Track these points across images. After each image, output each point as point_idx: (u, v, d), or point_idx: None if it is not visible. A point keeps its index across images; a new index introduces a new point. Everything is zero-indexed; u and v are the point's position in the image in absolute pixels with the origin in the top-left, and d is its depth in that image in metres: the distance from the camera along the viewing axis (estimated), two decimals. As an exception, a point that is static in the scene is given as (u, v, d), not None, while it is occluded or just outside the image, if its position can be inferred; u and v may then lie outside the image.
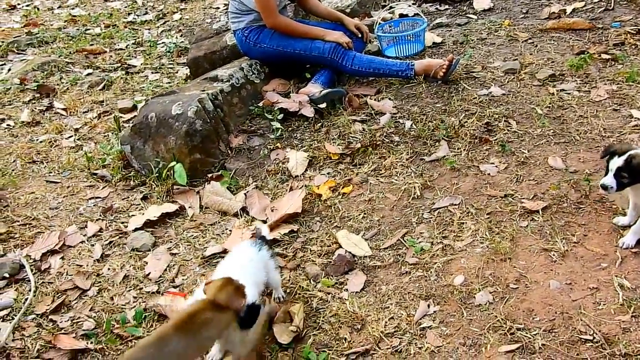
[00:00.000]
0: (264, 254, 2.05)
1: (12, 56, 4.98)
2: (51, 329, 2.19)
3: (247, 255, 2.02)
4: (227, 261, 2.04)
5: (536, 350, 1.78)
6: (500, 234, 2.23)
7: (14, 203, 2.99)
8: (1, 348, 2.11)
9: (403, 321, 1.98)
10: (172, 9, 5.65)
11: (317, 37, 3.31)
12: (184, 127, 2.95)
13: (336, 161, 2.91)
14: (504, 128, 2.84)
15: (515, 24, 3.90)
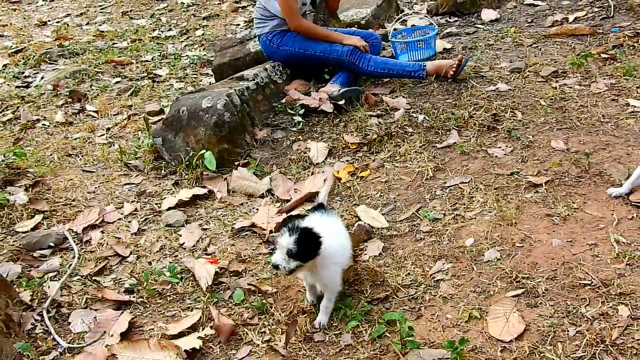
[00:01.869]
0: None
1: (44, 66, 5.36)
2: (96, 287, 2.44)
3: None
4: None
5: (540, 294, 2.00)
6: (507, 204, 2.47)
7: (54, 187, 3.28)
8: (52, 301, 2.36)
9: (418, 275, 2.21)
10: (195, 26, 6.05)
11: (336, 41, 3.63)
12: (213, 118, 3.25)
13: (354, 150, 3.19)
14: (510, 118, 3.11)
15: (520, 31, 4.22)
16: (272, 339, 2.03)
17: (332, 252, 1.97)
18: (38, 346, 2.14)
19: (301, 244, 1.86)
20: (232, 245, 2.64)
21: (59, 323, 2.28)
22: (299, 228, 1.88)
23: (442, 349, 1.81)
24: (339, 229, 2.15)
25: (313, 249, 1.90)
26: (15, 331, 2.17)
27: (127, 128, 4.12)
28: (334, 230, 2.08)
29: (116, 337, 2.08)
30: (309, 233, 1.89)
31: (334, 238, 2.01)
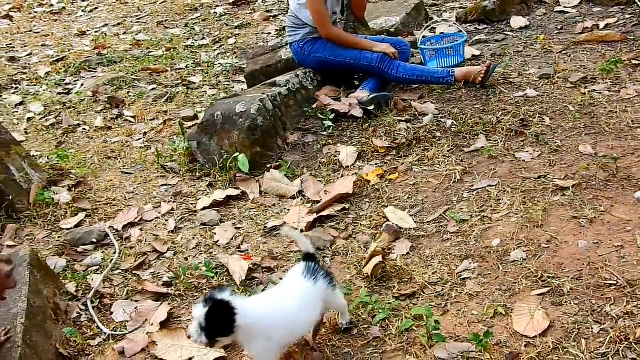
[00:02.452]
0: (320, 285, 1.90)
1: (84, 73, 5.62)
2: (136, 280, 2.59)
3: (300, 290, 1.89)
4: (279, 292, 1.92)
5: (565, 293, 2.05)
6: (534, 207, 2.53)
7: (95, 188, 3.46)
8: (95, 292, 2.51)
9: (445, 274, 2.29)
10: (227, 35, 6.24)
11: (366, 48, 3.74)
12: (247, 122, 3.39)
13: (383, 154, 3.28)
14: (538, 123, 3.16)
15: (550, 38, 4.26)
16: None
17: (263, 327, 1.76)
18: (83, 333, 2.29)
19: (211, 319, 1.67)
20: (265, 243, 2.76)
21: (102, 313, 2.42)
22: (213, 300, 1.69)
23: (468, 343, 1.89)
24: (291, 300, 1.86)
25: (225, 326, 1.69)
26: (63, 319, 2.33)
27: (162, 132, 4.30)
28: (279, 301, 1.86)
29: (156, 325, 2.22)
30: (221, 308, 1.68)
31: (272, 311, 1.81)
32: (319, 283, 1.89)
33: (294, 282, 1.91)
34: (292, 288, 1.89)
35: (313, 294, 1.88)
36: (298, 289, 1.88)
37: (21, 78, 5.72)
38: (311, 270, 1.90)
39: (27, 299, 2.11)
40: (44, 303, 2.24)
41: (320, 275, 1.90)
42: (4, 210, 3.13)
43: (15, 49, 6.53)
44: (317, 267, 1.92)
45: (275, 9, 6.70)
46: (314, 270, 1.90)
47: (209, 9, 7.02)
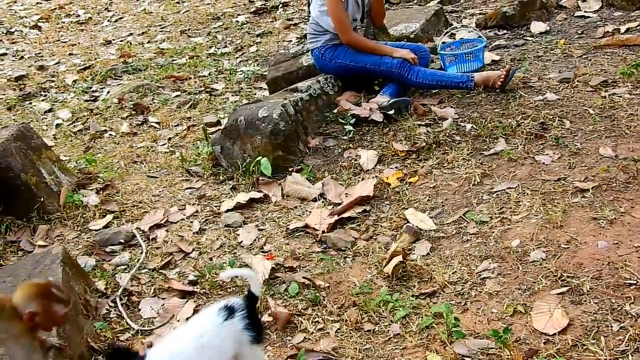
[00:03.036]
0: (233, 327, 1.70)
1: (110, 81, 5.79)
2: (163, 279, 2.68)
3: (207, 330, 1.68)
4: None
5: (584, 292, 2.08)
6: (553, 208, 2.56)
7: (122, 190, 3.58)
8: (124, 290, 2.61)
9: (465, 273, 2.34)
10: (249, 43, 6.37)
11: (386, 54, 3.81)
12: (269, 127, 3.48)
13: (403, 157, 3.33)
14: (557, 126, 3.19)
15: (570, 42, 4.28)
16: (325, 328, 2.19)
17: None
18: (113, 328, 2.38)
19: None
20: (287, 244, 2.83)
21: (130, 309, 2.51)
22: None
23: (487, 339, 1.93)
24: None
25: None
26: (93, 314, 2.42)
27: (186, 138, 4.41)
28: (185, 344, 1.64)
29: (182, 321, 2.29)
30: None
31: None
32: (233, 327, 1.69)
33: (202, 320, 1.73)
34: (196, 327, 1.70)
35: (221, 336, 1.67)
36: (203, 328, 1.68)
37: (49, 86, 5.91)
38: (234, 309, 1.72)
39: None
40: (76, 299, 2.34)
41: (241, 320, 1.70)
42: (36, 212, 3.25)
43: (43, 57, 6.75)
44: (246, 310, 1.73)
45: (296, 17, 6.82)
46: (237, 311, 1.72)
47: (230, 18, 7.17)
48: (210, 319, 1.69)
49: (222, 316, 1.68)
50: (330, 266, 2.56)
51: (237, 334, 1.70)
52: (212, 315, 1.70)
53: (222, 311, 1.70)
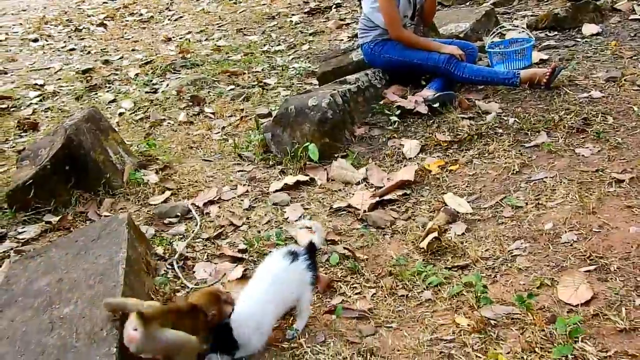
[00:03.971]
0: (298, 267, 2.10)
1: (169, 75, 6.20)
2: (215, 247, 2.96)
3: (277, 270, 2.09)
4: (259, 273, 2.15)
5: (611, 271, 2.21)
6: (588, 196, 2.69)
7: (179, 171, 3.90)
8: (180, 255, 2.90)
9: (497, 251, 2.50)
10: (302, 41, 6.67)
11: (434, 50, 4.00)
12: (317, 115, 3.73)
13: (445, 147, 3.51)
14: (600, 122, 3.29)
15: (621, 44, 4.34)
16: (362, 293, 2.40)
17: (254, 327, 2.02)
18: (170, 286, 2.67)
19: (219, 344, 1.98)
20: (330, 221, 3.06)
21: (185, 272, 2.80)
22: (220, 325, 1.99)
23: (513, 306, 2.09)
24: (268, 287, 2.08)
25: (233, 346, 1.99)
26: (152, 273, 2.73)
27: (239, 127, 4.72)
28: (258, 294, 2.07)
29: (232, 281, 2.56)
30: (224, 331, 1.99)
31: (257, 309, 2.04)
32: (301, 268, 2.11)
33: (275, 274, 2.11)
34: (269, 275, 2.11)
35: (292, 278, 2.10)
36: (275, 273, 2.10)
37: (114, 78, 6.38)
38: (300, 257, 2.12)
39: (126, 250, 2.52)
40: (138, 257, 2.65)
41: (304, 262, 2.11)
42: (102, 187, 3.61)
43: (108, 53, 7.27)
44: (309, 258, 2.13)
45: (349, 17, 7.08)
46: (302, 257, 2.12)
47: (285, 18, 7.50)
48: (277, 263, 2.11)
49: (288, 259, 2.11)
50: (370, 241, 2.77)
51: (301, 274, 2.12)
52: (279, 259, 2.12)
53: (287, 255, 2.12)
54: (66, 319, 2.18)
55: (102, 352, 1.93)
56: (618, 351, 1.83)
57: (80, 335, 2.05)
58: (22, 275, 2.63)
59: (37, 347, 2.07)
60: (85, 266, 2.49)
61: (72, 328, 2.11)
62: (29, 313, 2.30)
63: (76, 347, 2.00)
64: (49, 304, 2.31)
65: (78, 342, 2.02)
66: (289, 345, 2.14)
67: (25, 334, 2.17)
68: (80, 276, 2.43)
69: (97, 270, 2.42)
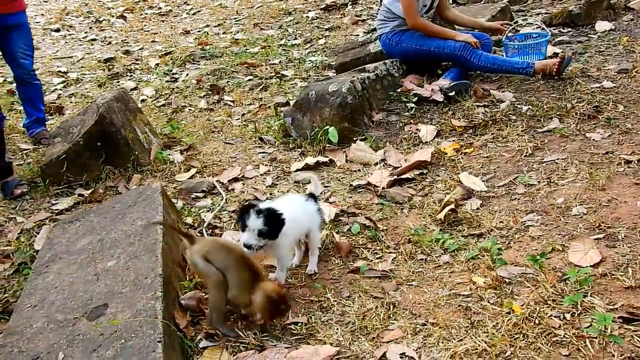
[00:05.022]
0: (310, 206, 2.54)
1: (189, 65, 6.42)
2: (241, 218, 3.15)
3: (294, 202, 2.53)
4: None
5: (619, 239, 2.39)
6: (599, 175, 2.86)
7: (203, 152, 4.10)
8: (208, 224, 3.10)
9: (510, 222, 2.68)
10: (318, 36, 6.87)
11: (449, 37, 4.19)
12: (338, 100, 3.92)
13: (460, 132, 3.70)
14: (611, 109, 3.47)
15: (633, 40, 4.52)
16: (383, 257, 2.59)
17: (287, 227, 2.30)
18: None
19: (269, 224, 2.23)
20: (350, 197, 3.25)
21: (214, 239, 2.99)
22: (266, 210, 2.26)
23: (526, 267, 2.27)
24: (295, 205, 2.49)
25: (278, 227, 2.26)
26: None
27: (258, 115, 4.92)
28: (287, 206, 2.39)
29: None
30: (274, 214, 2.26)
31: (288, 214, 2.32)
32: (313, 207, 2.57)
33: (297, 199, 2.58)
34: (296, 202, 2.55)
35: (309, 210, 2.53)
36: (294, 202, 2.56)
37: (134, 68, 6.61)
38: (311, 199, 2.58)
39: (162, 214, 2.72)
40: (172, 222, 2.84)
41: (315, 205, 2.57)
42: (131, 163, 3.81)
43: (129, 44, 7.50)
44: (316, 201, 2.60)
45: (365, 14, 7.28)
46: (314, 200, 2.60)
47: (301, 13, 7.71)
48: (299, 197, 2.61)
49: (305, 197, 2.59)
50: (389, 214, 2.95)
51: (312, 211, 2.55)
52: (299, 196, 2.62)
53: (306, 195, 2.61)
54: (110, 270, 2.37)
55: (148, 296, 2.12)
56: (624, 304, 2.01)
57: (126, 283, 2.25)
58: (62, 237, 2.83)
59: (85, 294, 2.27)
60: (124, 228, 2.69)
61: (117, 278, 2.30)
62: (74, 267, 2.50)
63: (122, 293, 2.19)
64: (92, 259, 2.51)
65: (124, 288, 2.22)
66: (317, 298, 2.33)
67: (72, 284, 2.36)
68: (120, 236, 2.63)
69: (136, 231, 2.62)
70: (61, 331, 2.09)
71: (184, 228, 2.26)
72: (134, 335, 1.95)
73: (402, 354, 1.96)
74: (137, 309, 2.07)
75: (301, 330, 2.15)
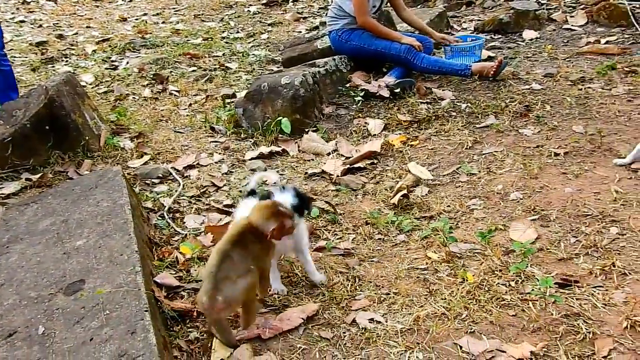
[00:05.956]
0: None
1: (129, 53, 6.37)
2: (202, 203, 3.26)
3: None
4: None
5: (551, 220, 2.74)
6: (532, 165, 3.23)
7: (154, 140, 4.15)
8: (169, 207, 3.19)
9: (457, 206, 2.98)
10: (260, 30, 7.02)
11: (396, 39, 4.49)
12: (290, 92, 4.10)
13: (405, 126, 3.99)
14: (540, 108, 3.88)
15: (556, 48, 5.02)
16: (343, 238, 2.80)
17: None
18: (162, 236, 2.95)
19: (303, 201, 2.31)
20: (306, 184, 3.44)
21: (176, 222, 3.09)
22: (295, 190, 2.34)
23: (474, 244, 2.57)
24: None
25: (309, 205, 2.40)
26: (147, 222, 2.99)
27: (205, 105, 5.01)
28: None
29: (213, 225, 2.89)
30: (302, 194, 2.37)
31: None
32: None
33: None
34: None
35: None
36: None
37: (70, 53, 6.46)
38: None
39: (128, 196, 2.79)
40: (136, 204, 2.91)
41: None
42: (81, 148, 3.80)
43: (61, 28, 7.29)
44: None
45: (306, 11, 7.50)
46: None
47: (242, 7, 7.82)
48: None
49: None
50: (345, 199, 3.17)
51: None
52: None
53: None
54: (81, 249, 2.43)
55: (127, 271, 2.21)
56: (559, 273, 2.33)
57: (100, 260, 2.32)
58: (20, 219, 2.83)
59: (57, 271, 2.32)
60: (89, 209, 2.74)
61: (90, 255, 2.37)
62: (39, 247, 2.52)
63: (98, 269, 2.27)
64: (59, 239, 2.55)
65: (99, 265, 2.29)
66: (285, 274, 2.51)
67: (41, 263, 2.40)
68: (86, 217, 2.68)
69: (102, 212, 2.68)
70: (37, 307, 2.14)
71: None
72: (118, 307, 2.04)
73: (371, 319, 2.18)
74: (118, 283, 2.15)
75: (275, 302, 2.32)
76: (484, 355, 1.96)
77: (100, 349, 1.86)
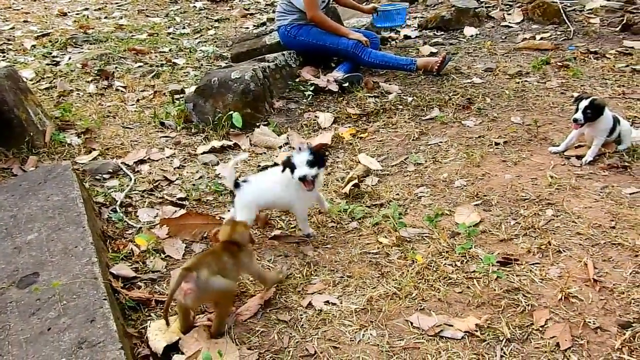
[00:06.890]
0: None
1: (70, 49, 6.21)
2: (154, 197, 3.27)
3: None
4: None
5: (493, 204, 2.92)
6: (474, 154, 3.41)
7: (102, 136, 4.11)
8: (121, 202, 3.18)
9: (405, 194, 3.12)
10: (207, 26, 7.00)
11: (344, 34, 4.61)
12: (241, 86, 4.15)
13: (355, 119, 4.11)
14: (480, 101, 4.09)
15: (495, 44, 5.28)
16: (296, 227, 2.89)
17: None
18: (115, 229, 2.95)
19: (319, 156, 2.58)
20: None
21: (129, 216, 3.09)
22: (309, 148, 2.60)
23: (422, 228, 2.71)
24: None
25: (324, 158, 2.65)
26: (99, 217, 2.98)
27: (153, 101, 4.97)
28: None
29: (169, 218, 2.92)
30: (316, 151, 2.59)
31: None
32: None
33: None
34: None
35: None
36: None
37: (7, 48, 6.24)
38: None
39: (79, 189, 2.77)
40: (87, 198, 2.90)
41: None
42: (25, 145, 3.72)
43: (-4, 22, 7.02)
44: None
45: (253, 8, 7.53)
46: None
47: (188, 3, 7.76)
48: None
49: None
50: (298, 190, 3.25)
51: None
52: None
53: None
54: (33, 243, 2.41)
55: (83, 262, 2.22)
56: (500, 252, 2.50)
57: (54, 253, 2.31)
58: (-35, 216, 2.76)
59: (8, 265, 2.29)
60: (39, 204, 2.71)
61: (43, 249, 2.36)
62: (-12, 242, 2.48)
63: (53, 262, 2.26)
64: (8, 234, 2.52)
65: (53, 258, 2.29)
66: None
67: (-10, 258, 2.37)
68: (36, 211, 2.65)
69: (54, 206, 2.66)
70: (-11, 301, 2.12)
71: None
72: (75, 297, 2.05)
73: (326, 302, 2.28)
74: (74, 274, 2.16)
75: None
76: (433, 329, 2.10)
77: (59, 338, 1.87)
